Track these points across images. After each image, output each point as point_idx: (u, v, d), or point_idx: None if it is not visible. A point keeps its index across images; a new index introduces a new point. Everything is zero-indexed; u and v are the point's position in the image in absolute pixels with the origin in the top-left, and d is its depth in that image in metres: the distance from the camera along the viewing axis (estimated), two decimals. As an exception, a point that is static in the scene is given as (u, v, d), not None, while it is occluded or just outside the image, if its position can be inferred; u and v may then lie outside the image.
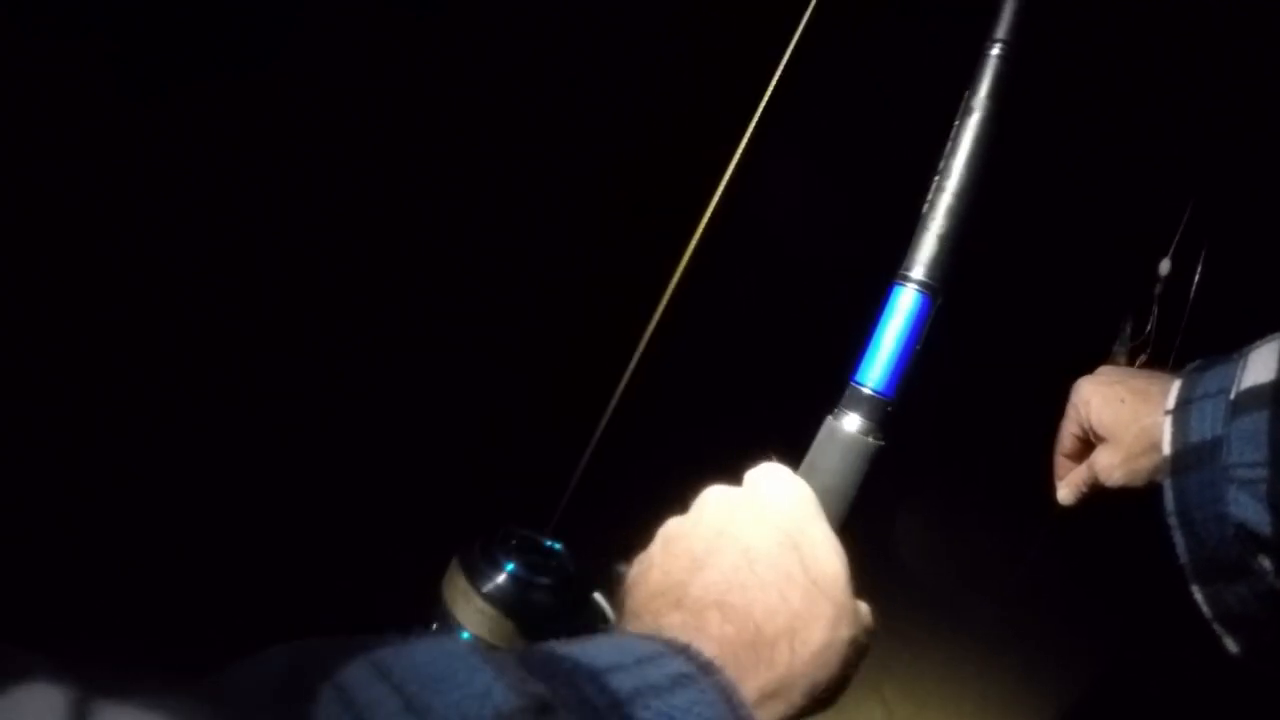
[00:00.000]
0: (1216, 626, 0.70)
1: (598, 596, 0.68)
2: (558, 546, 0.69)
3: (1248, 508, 0.64)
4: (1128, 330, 0.89)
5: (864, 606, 0.54)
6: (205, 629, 1.04)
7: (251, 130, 1.25)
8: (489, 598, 0.64)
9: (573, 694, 0.35)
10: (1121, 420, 0.78)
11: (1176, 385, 0.74)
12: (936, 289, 0.62)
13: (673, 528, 0.54)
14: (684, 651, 0.40)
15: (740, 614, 0.45)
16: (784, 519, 0.53)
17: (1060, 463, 0.88)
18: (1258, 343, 0.71)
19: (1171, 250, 0.88)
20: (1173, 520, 0.70)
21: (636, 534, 0.57)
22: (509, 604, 0.64)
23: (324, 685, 0.31)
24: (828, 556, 0.52)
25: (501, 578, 0.65)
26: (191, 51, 1.24)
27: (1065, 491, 0.87)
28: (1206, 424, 0.68)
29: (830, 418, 0.62)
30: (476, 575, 0.65)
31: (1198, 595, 0.70)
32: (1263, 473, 0.63)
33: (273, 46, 1.27)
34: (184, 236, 1.24)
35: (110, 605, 1.12)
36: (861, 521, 0.60)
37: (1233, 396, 0.68)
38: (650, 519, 0.57)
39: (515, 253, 1.37)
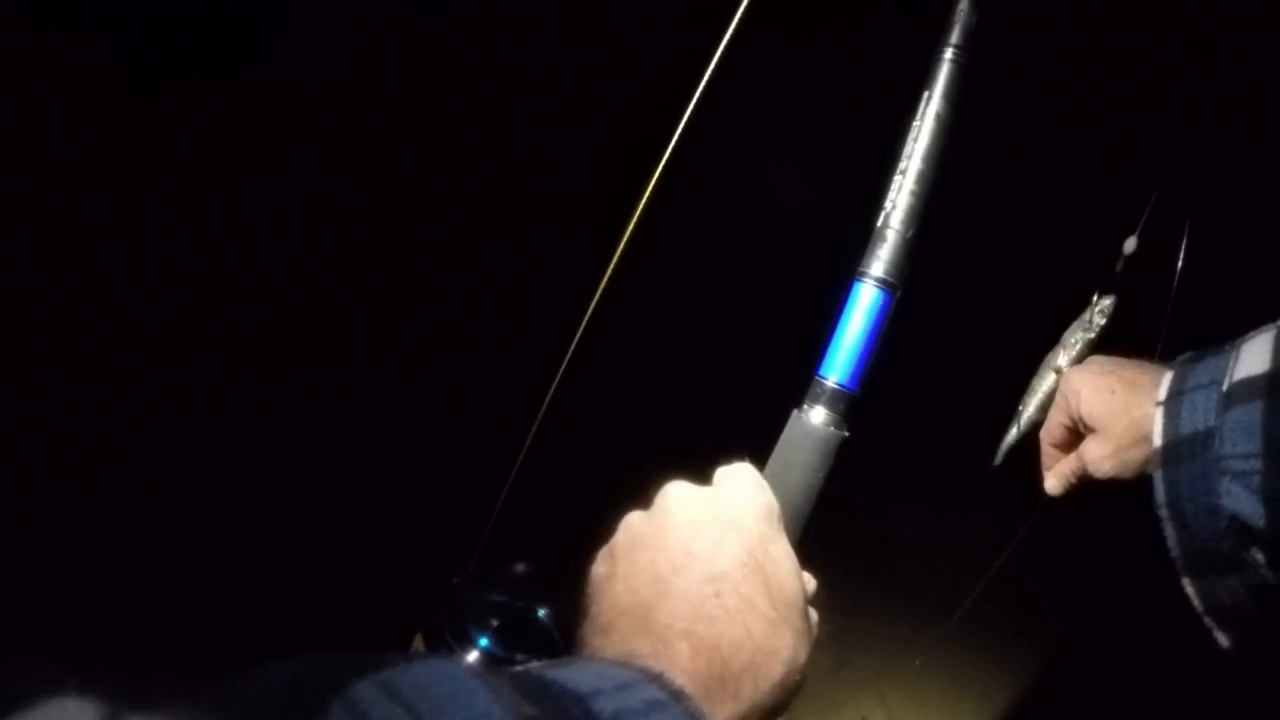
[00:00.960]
0: (1208, 620, 0.70)
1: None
2: (540, 613, 0.69)
3: (1240, 500, 0.63)
4: (1095, 311, 0.90)
5: (813, 615, 0.57)
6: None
7: (251, 130, 1.26)
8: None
9: (561, 716, 0.38)
10: (1112, 411, 0.78)
11: (1168, 376, 0.73)
12: (896, 285, 0.65)
13: (636, 530, 0.55)
14: (657, 679, 0.43)
15: (708, 647, 0.47)
16: (749, 537, 0.53)
17: (1048, 452, 0.88)
18: (1250, 334, 0.70)
19: (1138, 229, 0.90)
20: (1163, 512, 0.69)
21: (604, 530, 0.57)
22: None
23: (334, 701, 0.33)
24: (789, 578, 0.53)
25: (473, 655, 0.65)
26: (193, 51, 1.25)
27: (1053, 482, 0.88)
28: (1199, 415, 0.68)
29: (797, 411, 0.65)
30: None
31: (1189, 588, 0.69)
32: (1256, 464, 0.63)
33: (273, 47, 1.28)
34: (183, 237, 1.26)
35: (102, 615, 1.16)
36: (854, 522, 0.62)
37: (1225, 388, 0.67)
38: (616, 509, 0.59)
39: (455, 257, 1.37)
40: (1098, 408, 0.79)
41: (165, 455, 1.25)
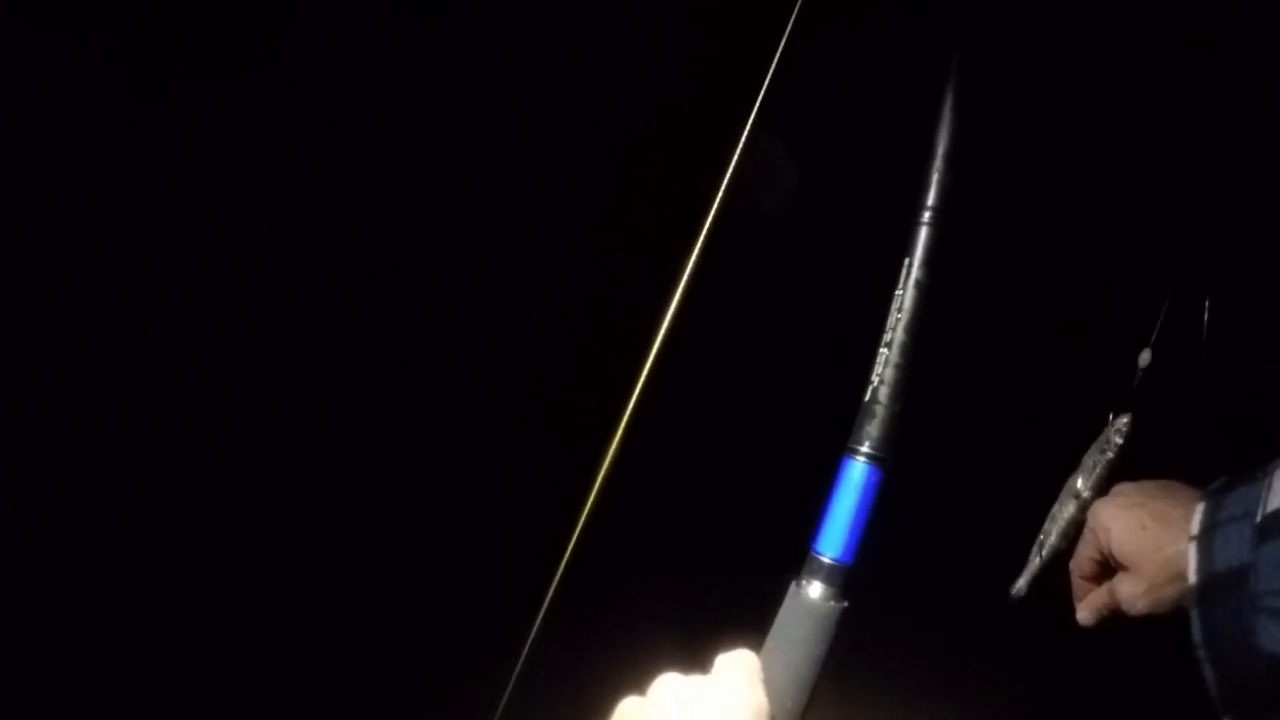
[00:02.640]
0: None
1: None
2: None
3: (1278, 639, 0.62)
4: (1112, 431, 0.88)
5: None
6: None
7: (251, 130, 1.25)
8: None
9: None
10: (1144, 549, 0.76)
11: (1200, 508, 0.71)
12: (886, 459, 0.65)
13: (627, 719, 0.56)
14: None
15: None
16: None
17: (1079, 584, 0.87)
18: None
19: (1152, 340, 0.88)
20: (1201, 653, 0.67)
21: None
22: None
23: None
24: None
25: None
26: (193, 51, 1.25)
27: (1086, 614, 0.86)
28: (1232, 550, 0.66)
29: (794, 585, 0.65)
30: None
31: None
32: None
33: (273, 47, 1.27)
34: (183, 237, 1.24)
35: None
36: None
37: (1259, 520, 0.65)
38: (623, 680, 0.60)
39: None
40: (1129, 545, 0.78)
41: (163, 456, 1.25)
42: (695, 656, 0.62)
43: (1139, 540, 0.77)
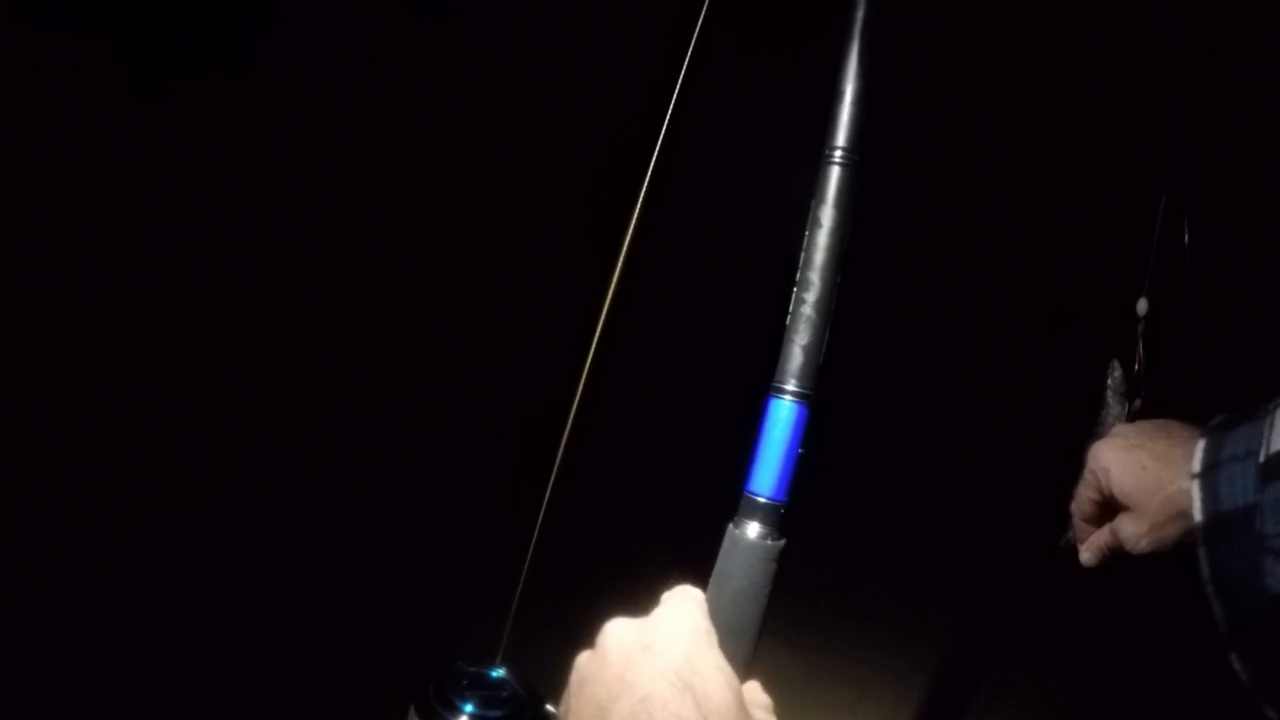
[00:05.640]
0: (1255, 694, 0.67)
1: (550, 709, 0.73)
2: (503, 673, 0.76)
3: None
4: (1117, 377, 0.86)
5: (761, 700, 0.61)
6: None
7: (252, 130, 1.28)
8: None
9: None
10: (1144, 488, 0.76)
11: (1200, 446, 0.71)
12: (809, 394, 0.66)
13: (582, 669, 0.60)
14: None
15: None
16: (677, 659, 0.57)
17: (1079, 526, 0.87)
18: None
19: (1146, 287, 0.86)
20: (1209, 589, 0.67)
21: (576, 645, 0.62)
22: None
23: None
24: (718, 689, 0.56)
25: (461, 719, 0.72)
26: (193, 51, 1.28)
27: (1088, 555, 0.86)
28: (1237, 490, 0.66)
29: (731, 526, 0.66)
30: (436, 720, 0.71)
31: (1236, 663, 0.67)
32: None
33: (273, 47, 1.31)
34: (183, 237, 1.27)
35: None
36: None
37: (1262, 459, 0.65)
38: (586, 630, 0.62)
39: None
40: (1129, 485, 0.78)
41: (161, 456, 1.29)
42: (645, 608, 0.64)
43: (1140, 480, 0.77)
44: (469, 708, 0.72)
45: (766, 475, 0.66)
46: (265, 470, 1.36)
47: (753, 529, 0.65)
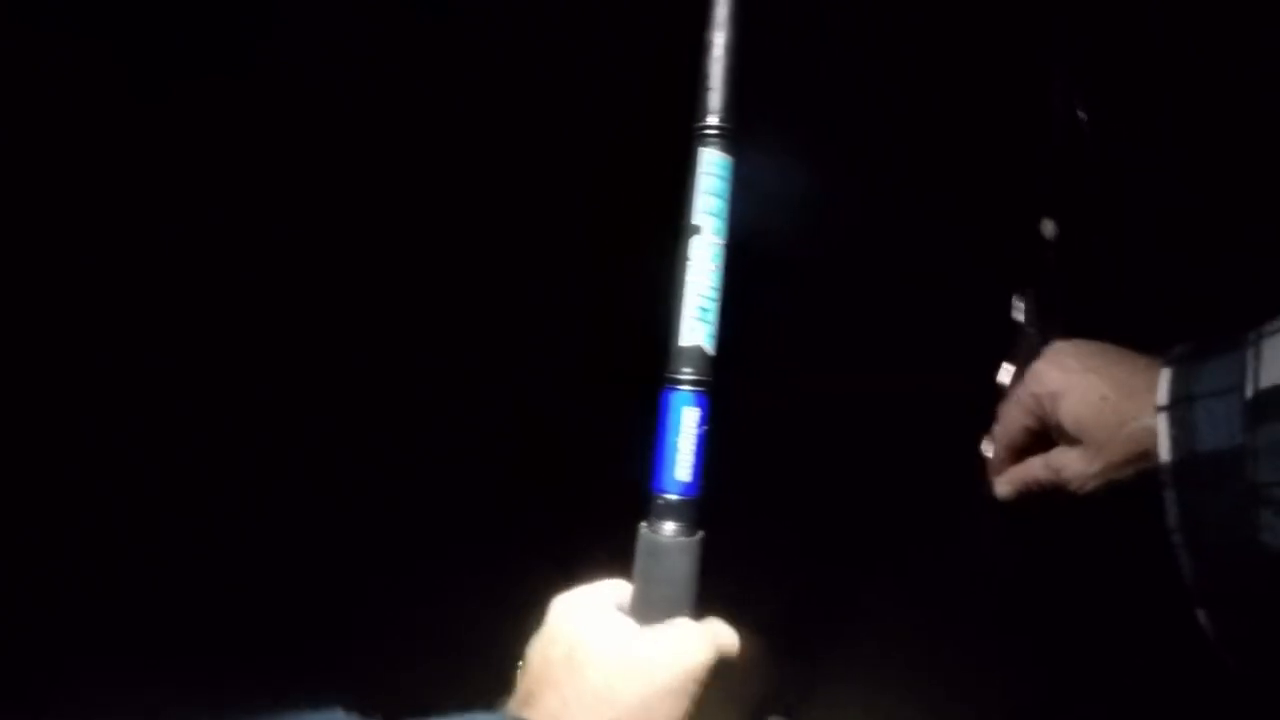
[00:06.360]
0: (1220, 648, 0.62)
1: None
2: None
3: None
4: (1030, 309, 0.83)
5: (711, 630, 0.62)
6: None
7: (252, 130, 1.26)
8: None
9: None
10: (1104, 423, 0.66)
11: (1166, 376, 0.63)
12: (706, 381, 0.64)
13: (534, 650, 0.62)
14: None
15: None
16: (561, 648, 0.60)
17: (1002, 455, 0.77)
18: (1269, 327, 0.60)
19: (1050, 209, 0.83)
20: (1178, 538, 0.61)
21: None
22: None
23: None
24: (595, 668, 0.58)
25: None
26: (193, 51, 1.26)
27: (1007, 489, 0.77)
28: (1220, 430, 0.58)
29: (643, 527, 0.64)
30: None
31: (1204, 618, 0.61)
32: None
33: (274, 47, 1.28)
34: (183, 237, 1.25)
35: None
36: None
37: (1249, 395, 0.57)
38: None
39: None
40: (1085, 417, 0.68)
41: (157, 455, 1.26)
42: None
43: (1099, 412, 0.67)
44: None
45: (673, 471, 0.64)
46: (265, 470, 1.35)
47: (666, 528, 0.64)
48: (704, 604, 0.64)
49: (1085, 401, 0.68)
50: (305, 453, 1.33)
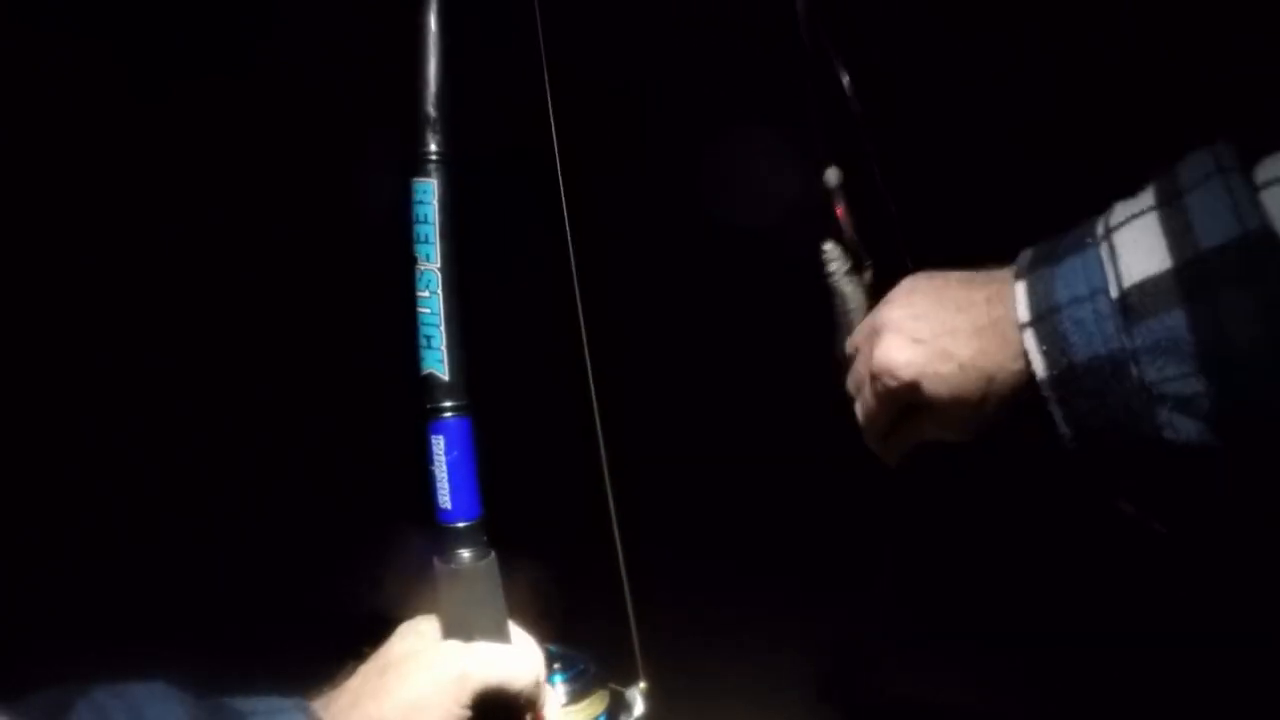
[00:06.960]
0: (1146, 522, 0.59)
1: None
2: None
3: (1188, 429, 0.52)
4: (836, 259, 0.82)
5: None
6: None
7: (252, 131, 1.30)
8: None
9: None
10: (970, 391, 0.63)
11: (1021, 290, 0.60)
12: (446, 407, 0.63)
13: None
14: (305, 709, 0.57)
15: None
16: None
17: (872, 439, 0.75)
18: (1114, 220, 0.57)
19: (832, 155, 0.82)
20: (1072, 445, 0.58)
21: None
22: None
23: (81, 703, 0.50)
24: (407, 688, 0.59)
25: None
26: (193, 51, 1.29)
27: (894, 458, 0.75)
28: (1095, 337, 0.55)
29: (438, 561, 0.64)
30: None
31: (1124, 506, 0.60)
32: (1197, 385, 0.51)
33: (274, 47, 1.30)
34: (183, 237, 1.28)
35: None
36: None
37: (1115, 296, 0.55)
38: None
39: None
40: (950, 398, 0.65)
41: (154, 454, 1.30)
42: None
43: (960, 384, 0.64)
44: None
45: (452, 499, 0.64)
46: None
47: (459, 557, 0.64)
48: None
49: (945, 380, 0.65)
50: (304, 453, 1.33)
